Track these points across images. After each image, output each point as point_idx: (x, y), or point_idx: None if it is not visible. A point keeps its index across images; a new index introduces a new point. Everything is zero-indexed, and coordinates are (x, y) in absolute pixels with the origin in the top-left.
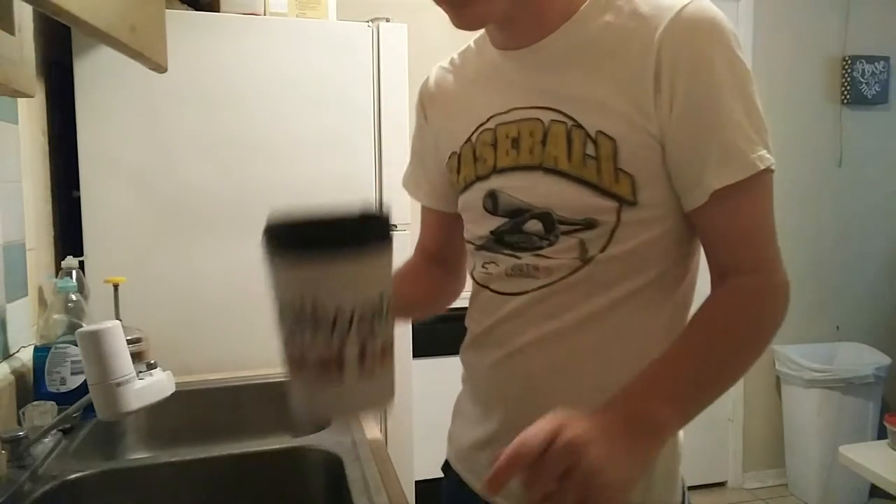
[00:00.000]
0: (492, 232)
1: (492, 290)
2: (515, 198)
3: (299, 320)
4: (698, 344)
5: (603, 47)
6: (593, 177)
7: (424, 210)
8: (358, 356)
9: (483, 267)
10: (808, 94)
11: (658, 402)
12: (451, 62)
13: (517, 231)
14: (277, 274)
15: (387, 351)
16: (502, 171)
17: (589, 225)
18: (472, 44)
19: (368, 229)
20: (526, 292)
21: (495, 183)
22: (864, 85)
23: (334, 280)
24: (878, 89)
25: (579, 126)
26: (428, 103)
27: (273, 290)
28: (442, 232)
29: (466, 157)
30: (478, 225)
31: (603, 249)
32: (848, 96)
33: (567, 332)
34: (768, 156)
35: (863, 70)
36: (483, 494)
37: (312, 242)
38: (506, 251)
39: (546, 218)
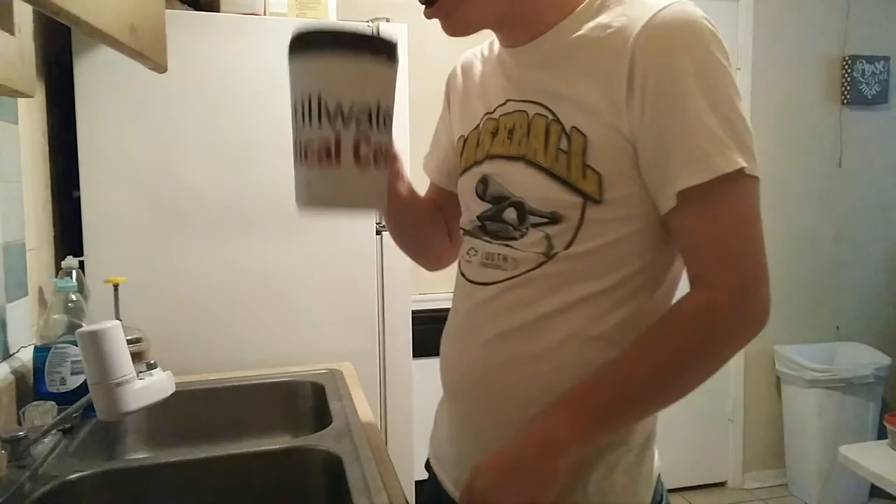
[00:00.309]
0: (478, 217)
1: (466, 279)
2: (500, 185)
3: (307, 113)
4: (630, 363)
5: (587, 47)
6: (563, 171)
7: (432, 184)
8: (353, 148)
9: (467, 254)
10: (808, 94)
11: (567, 421)
12: (481, 51)
13: (498, 219)
14: (294, 71)
15: (380, 157)
16: (494, 157)
17: (554, 219)
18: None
19: (371, 41)
20: (493, 283)
21: (487, 168)
22: (864, 85)
23: (336, 76)
24: (878, 89)
25: (557, 121)
26: (452, 89)
27: (291, 90)
28: (442, 201)
29: (471, 142)
30: (469, 209)
31: (567, 246)
32: (848, 96)
33: (525, 328)
34: (740, 160)
35: (863, 70)
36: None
37: (323, 43)
38: (485, 238)
39: (520, 207)
